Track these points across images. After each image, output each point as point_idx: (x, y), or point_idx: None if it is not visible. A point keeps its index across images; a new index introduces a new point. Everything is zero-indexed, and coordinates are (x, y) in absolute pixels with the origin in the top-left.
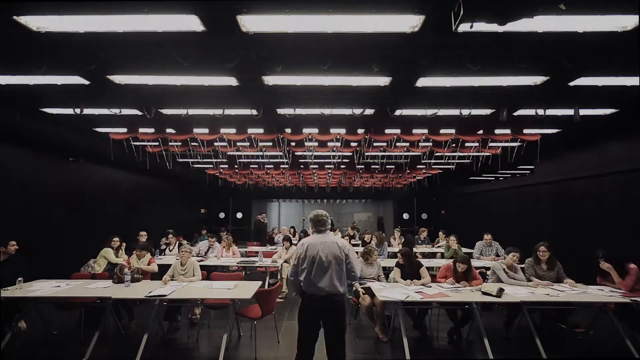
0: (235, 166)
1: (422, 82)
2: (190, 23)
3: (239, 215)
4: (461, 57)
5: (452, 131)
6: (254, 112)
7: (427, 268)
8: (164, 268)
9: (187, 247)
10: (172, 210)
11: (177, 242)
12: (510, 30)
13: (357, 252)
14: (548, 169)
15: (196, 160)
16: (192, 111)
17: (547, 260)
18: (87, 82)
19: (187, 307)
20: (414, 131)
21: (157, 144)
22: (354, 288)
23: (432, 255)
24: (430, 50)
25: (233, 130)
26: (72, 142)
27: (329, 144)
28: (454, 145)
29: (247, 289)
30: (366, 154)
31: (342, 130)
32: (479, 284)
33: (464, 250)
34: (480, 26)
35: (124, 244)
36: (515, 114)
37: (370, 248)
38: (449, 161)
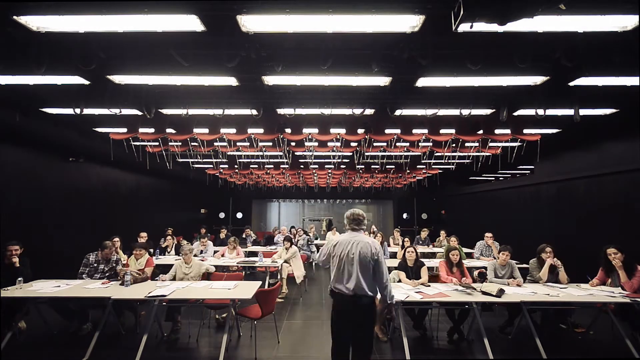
0: (235, 166)
1: (422, 82)
2: (190, 23)
3: (239, 215)
4: (461, 57)
5: (452, 131)
6: (254, 112)
7: (428, 268)
8: (164, 268)
9: (187, 247)
10: (172, 210)
11: (175, 243)
12: (510, 30)
13: None
14: (548, 169)
15: (196, 160)
16: (192, 111)
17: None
18: (87, 82)
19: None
20: (414, 131)
21: (157, 144)
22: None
23: (432, 255)
24: (430, 50)
25: (233, 130)
26: (72, 142)
27: (329, 144)
28: (454, 145)
29: (247, 289)
30: (366, 154)
31: (342, 130)
32: (467, 281)
33: (465, 250)
34: (480, 26)
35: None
36: (515, 114)
37: None
38: (449, 161)
